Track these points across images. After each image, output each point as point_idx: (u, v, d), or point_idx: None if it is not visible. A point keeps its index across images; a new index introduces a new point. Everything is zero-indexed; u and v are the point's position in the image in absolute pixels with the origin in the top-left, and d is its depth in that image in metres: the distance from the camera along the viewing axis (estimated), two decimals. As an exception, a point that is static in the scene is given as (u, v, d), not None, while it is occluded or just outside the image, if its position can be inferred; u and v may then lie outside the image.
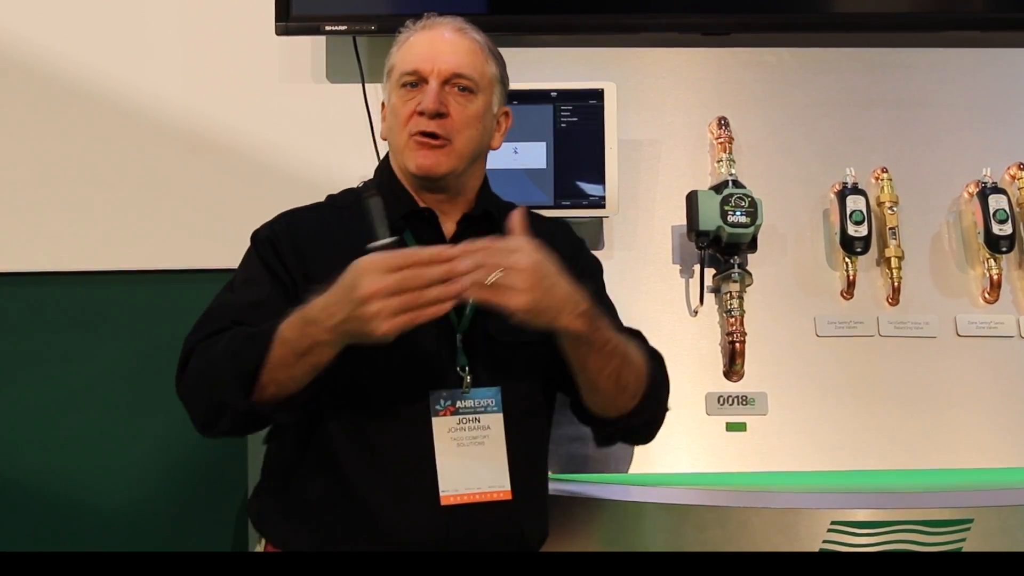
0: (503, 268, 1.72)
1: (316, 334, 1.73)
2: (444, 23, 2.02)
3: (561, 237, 2.12)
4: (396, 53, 2.02)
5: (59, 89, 2.79)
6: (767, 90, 2.64)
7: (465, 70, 1.97)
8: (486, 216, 2.03)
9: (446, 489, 1.86)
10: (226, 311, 1.89)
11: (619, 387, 1.91)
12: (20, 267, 2.79)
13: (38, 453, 2.78)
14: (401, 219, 1.96)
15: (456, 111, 1.95)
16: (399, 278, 1.68)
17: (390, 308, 1.67)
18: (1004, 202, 2.48)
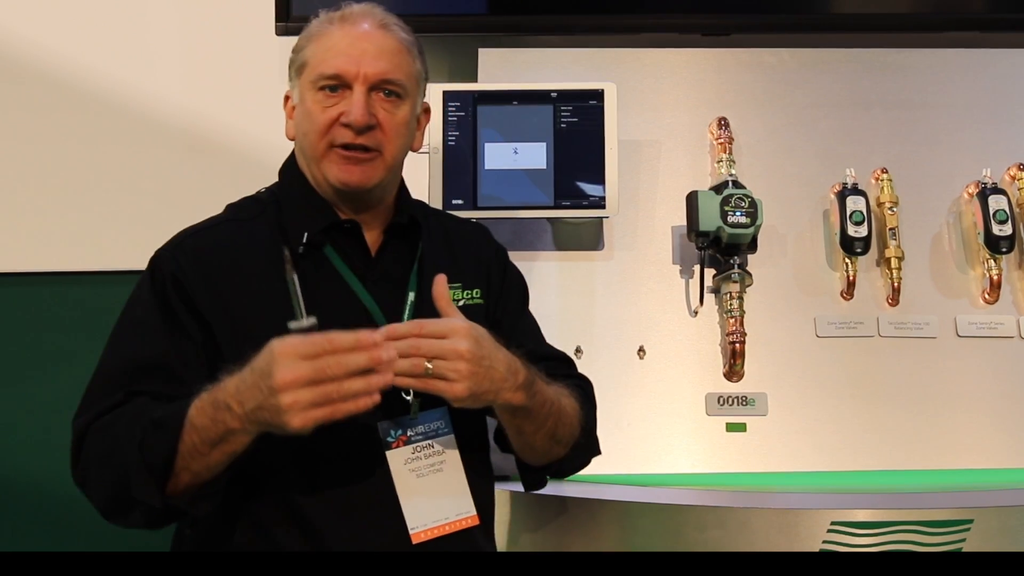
0: (436, 355, 1.61)
1: (228, 421, 1.57)
2: (365, 16, 1.81)
3: (485, 244, 2.02)
4: (309, 47, 1.81)
5: (59, 89, 2.79)
6: (767, 91, 2.64)
7: (394, 74, 1.79)
8: (411, 223, 1.88)
9: (415, 526, 1.74)
10: (116, 379, 1.70)
11: (554, 442, 1.83)
12: (20, 267, 2.80)
13: (39, 453, 2.78)
14: (320, 232, 1.80)
15: (385, 119, 1.79)
16: (316, 367, 1.51)
17: (305, 400, 1.51)
18: (1004, 203, 2.48)
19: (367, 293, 1.80)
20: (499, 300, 1.96)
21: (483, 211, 2.41)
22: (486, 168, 2.46)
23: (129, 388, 1.68)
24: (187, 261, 1.77)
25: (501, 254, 2.04)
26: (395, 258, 1.86)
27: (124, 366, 1.71)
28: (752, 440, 2.39)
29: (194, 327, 1.73)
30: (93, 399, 1.72)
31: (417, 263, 1.86)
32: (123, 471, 1.60)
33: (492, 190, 2.45)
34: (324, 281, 1.79)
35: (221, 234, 1.83)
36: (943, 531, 2.15)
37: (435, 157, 2.43)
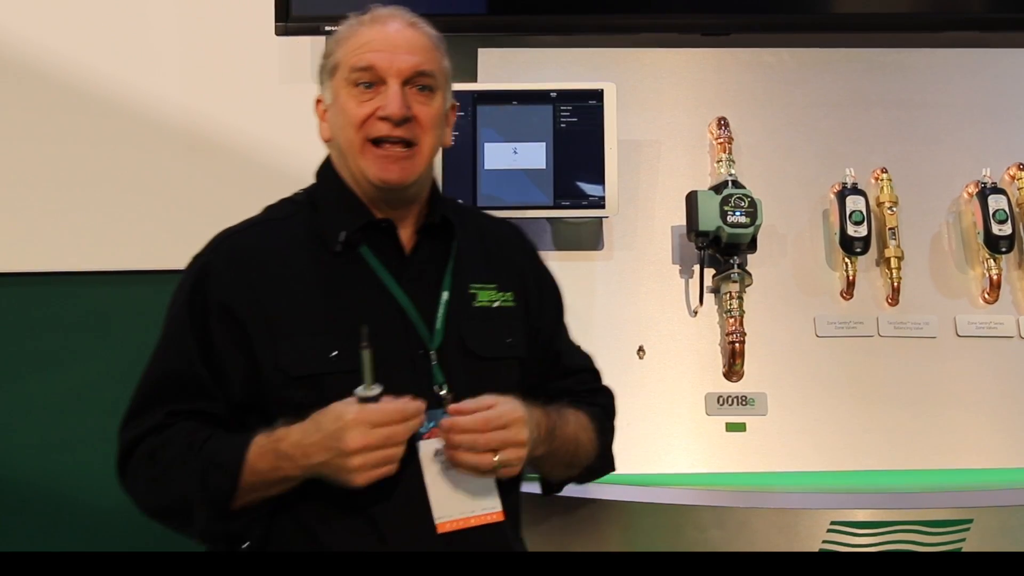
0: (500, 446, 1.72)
1: (288, 469, 1.71)
2: (394, 16, 1.85)
3: (521, 246, 2.04)
4: (340, 48, 1.85)
5: (60, 90, 2.79)
6: (767, 90, 2.65)
7: (426, 67, 1.82)
8: (444, 222, 1.90)
9: (440, 516, 1.77)
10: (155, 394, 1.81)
11: (569, 469, 1.93)
12: (21, 267, 2.80)
13: (39, 453, 2.78)
14: (356, 232, 1.84)
15: (420, 112, 1.82)
16: (386, 435, 1.67)
17: (372, 462, 1.67)
18: (1004, 202, 2.48)
19: (403, 292, 1.83)
20: (540, 308, 1.98)
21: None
22: (486, 168, 2.46)
23: (169, 407, 1.78)
24: (222, 263, 1.83)
25: (536, 257, 2.06)
26: (429, 257, 1.88)
27: (162, 381, 1.81)
28: (752, 440, 2.39)
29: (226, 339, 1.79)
30: (136, 412, 1.82)
31: (452, 262, 1.88)
32: (182, 500, 1.74)
33: (492, 190, 2.45)
34: (360, 280, 1.83)
35: (257, 234, 1.88)
36: (943, 531, 2.16)
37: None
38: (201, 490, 1.72)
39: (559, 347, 2.00)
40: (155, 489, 1.78)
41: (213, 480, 1.72)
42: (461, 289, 1.87)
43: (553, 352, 1.98)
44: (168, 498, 1.77)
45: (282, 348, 1.77)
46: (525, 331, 1.91)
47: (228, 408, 1.80)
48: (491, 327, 1.88)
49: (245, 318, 1.78)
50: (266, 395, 1.78)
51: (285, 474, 1.72)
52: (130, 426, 1.81)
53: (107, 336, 2.81)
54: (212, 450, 1.74)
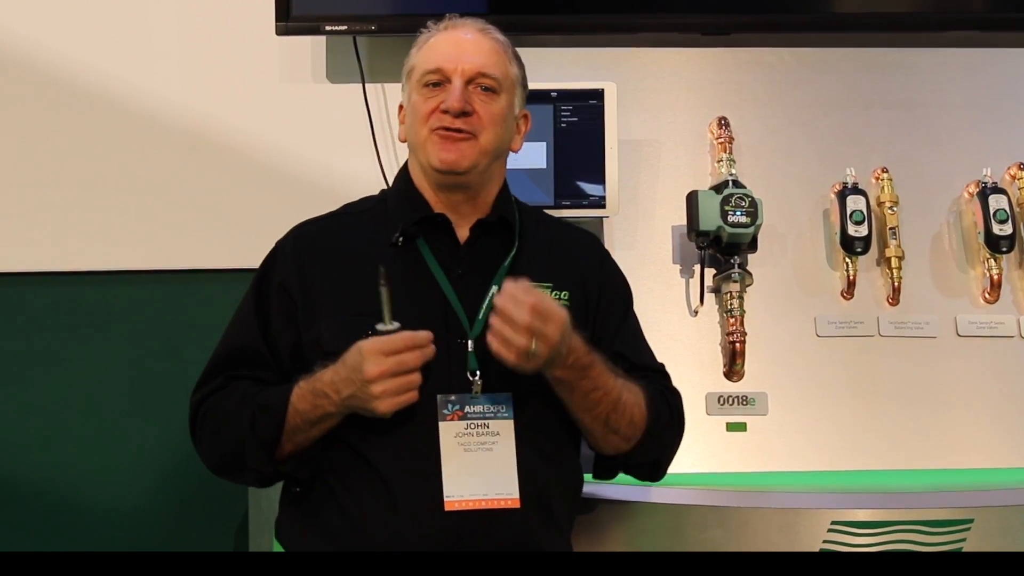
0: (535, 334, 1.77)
1: (325, 406, 1.85)
2: (466, 24, 2.01)
3: (588, 249, 2.11)
4: (416, 54, 2.01)
5: (60, 89, 2.79)
6: (767, 90, 2.64)
7: (489, 69, 1.96)
8: (501, 222, 2.00)
9: (451, 494, 1.84)
10: (220, 364, 1.99)
11: (608, 429, 1.93)
12: (21, 267, 2.80)
13: (39, 453, 2.78)
14: (414, 225, 1.97)
15: (481, 108, 1.94)
16: (398, 361, 1.80)
17: (392, 388, 1.81)
18: (1004, 202, 2.48)
19: (449, 284, 1.93)
20: (597, 311, 2.02)
21: (483, 211, 2.40)
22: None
23: (228, 373, 1.96)
24: (290, 247, 2.01)
25: (605, 262, 2.12)
26: (484, 253, 1.97)
27: (228, 352, 2.00)
28: (752, 440, 2.39)
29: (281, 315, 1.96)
30: (204, 380, 2.00)
31: (509, 260, 1.97)
32: (238, 444, 1.90)
33: (492, 190, 2.44)
34: (412, 272, 1.94)
35: (327, 224, 2.06)
36: (943, 531, 2.15)
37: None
38: (252, 432, 1.88)
39: (620, 347, 2.02)
40: (215, 439, 1.95)
41: (261, 422, 1.87)
42: None
43: (613, 351, 1.99)
44: (226, 445, 1.93)
45: (323, 326, 1.92)
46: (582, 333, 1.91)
47: (281, 378, 1.94)
48: None
49: (298, 297, 1.95)
50: (308, 368, 1.90)
51: (324, 411, 1.86)
52: (198, 392, 1.99)
53: (107, 336, 2.81)
54: (261, 397, 1.90)
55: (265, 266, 2.02)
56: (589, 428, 1.93)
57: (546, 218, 2.15)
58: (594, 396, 1.88)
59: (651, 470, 2.03)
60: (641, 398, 1.94)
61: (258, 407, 1.89)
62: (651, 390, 1.97)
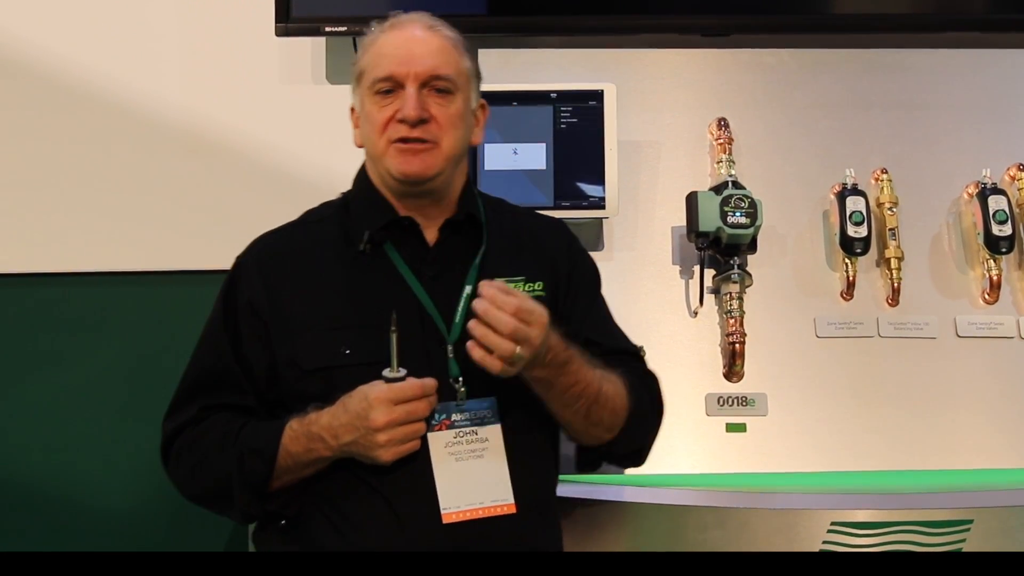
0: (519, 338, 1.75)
1: (320, 450, 1.82)
2: (412, 21, 1.94)
3: (556, 237, 2.07)
4: (364, 57, 1.93)
5: (59, 90, 2.79)
6: (767, 91, 2.64)
7: (442, 70, 1.90)
8: (469, 219, 1.96)
9: (447, 506, 1.82)
10: (194, 389, 1.94)
11: (589, 423, 1.91)
12: (20, 268, 2.80)
13: (39, 453, 2.78)
14: (381, 230, 1.92)
15: (438, 112, 1.89)
16: (408, 410, 1.78)
17: (398, 437, 1.78)
18: (1004, 203, 2.48)
19: (421, 287, 1.89)
20: (567, 294, 2.00)
21: (483, 211, 2.41)
22: (486, 169, 2.46)
23: (203, 402, 1.91)
24: (253, 263, 1.95)
25: (573, 246, 2.09)
26: (454, 253, 1.93)
27: (199, 378, 1.95)
28: (752, 440, 2.39)
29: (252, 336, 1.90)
30: (177, 405, 1.95)
31: (479, 258, 1.93)
32: (223, 484, 1.86)
33: (492, 191, 2.42)
34: (382, 277, 1.90)
35: (289, 236, 1.99)
36: (943, 531, 2.16)
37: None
38: (240, 474, 1.84)
39: (591, 333, 2.00)
40: (196, 475, 1.91)
41: (250, 464, 1.84)
42: None
43: (584, 338, 1.97)
44: (209, 482, 1.89)
45: (298, 344, 1.88)
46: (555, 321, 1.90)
47: (258, 401, 1.91)
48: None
49: (268, 315, 1.90)
50: (285, 389, 1.89)
51: (318, 455, 1.82)
52: (171, 418, 1.95)
53: (107, 337, 2.81)
54: (248, 437, 1.86)
55: (229, 285, 1.96)
56: (570, 422, 1.92)
57: (511, 208, 2.11)
58: (574, 391, 1.86)
59: (634, 458, 2.03)
60: (621, 387, 1.93)
61: (247, 448, 1.85)
62: (630, 377, 1.96)
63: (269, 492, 1.85)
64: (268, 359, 1.89)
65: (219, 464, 1.86)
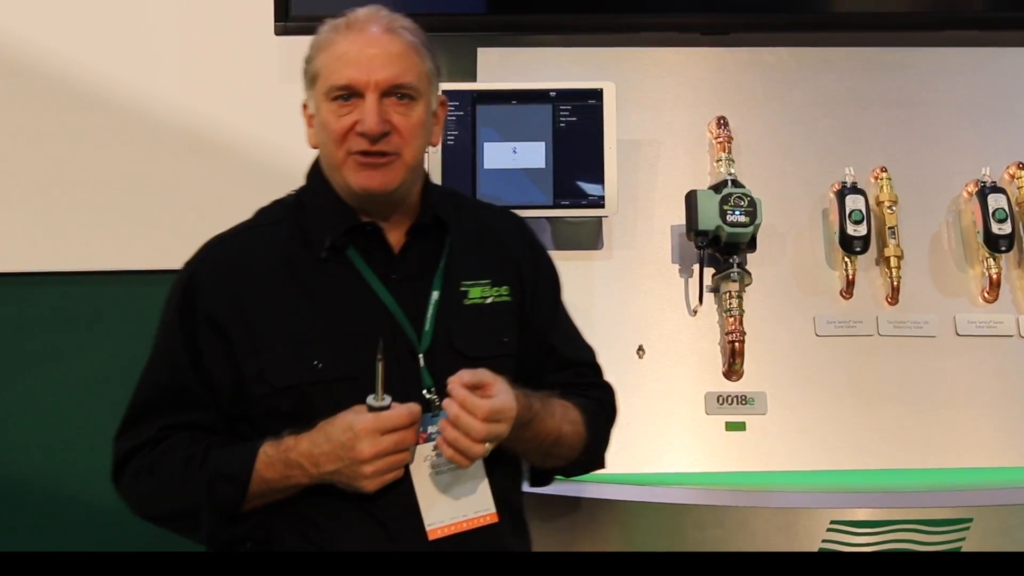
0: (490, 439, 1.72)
1: (298, 477, 1.75)
2: (370, 21, 1.81)
3: (518, 238, 2.01)
4: (319, 58, 1.81)
5: (59, 89, 2.79)
6: (766, 90, 2.64)
7: (404, 78, 1.79)
8: (436, 222, 1.88)
9: (431, 522, 1.77)
10: (148, 406, 1.85)
11: (547, 459, 1.89)
12: (20, 267, 2.80)
13: (38, 452, 2.78)
14: (343, 236, 1.83)
15: (400, 123, 1.79)
16: (395, 440, 1.71)
17: (384, 468, 1.72)
18: (1003, 201, 2.48)
19: (388, 292, 1.82)
20: (533, 298, 1.96)
21: (482, 210, 2.41)
22: (485, 168, 2.46)
23: (162, 421, 1.82)
24: (209, 273, 1.85)
25: (534, 247, 2.03)
26: (419, 258, 1.87)
27: (154, 394, 1.85)
28: (751, 439, 2.39)
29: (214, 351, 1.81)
30: (131, 423, 1.86)
31: (444, 260, 1.87)
32: (187, 509, 1.79)
33: (491, 189, 2.45)
34: (347, 285, 1.83)
35: (244, 242, 1.88)
36: (942, 530, 2.16)
37: (434, 157, 2.43)
38: (209, 500, 1.77)
39: (554, 339, 1.97)
40: (156, 499, 1.83)
41: (221, 491, 1.76)
42: (452, 287, 1.86)
43: (548, 344, 1.95)
44: (170, 507, 1.82)
45: (266, 359, 1.79)
46: (520, 325, 1.90)
47: (221, 418, 1.83)
48: (483, 325, 1.87)
49: (230, 329, 1.80)
50: (253, 406, 1.81)
51: (296, 482, 1.76)
52: (125, 437, 1.86)
53: (106, 335, 2.81)
54: (217, 461, 1.78)
55: (184, 295, 1.84)
56: (524, 456, 1.89)
57: (467, 202, 2.05)
58: (534, 443, 1.82)
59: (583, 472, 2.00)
60: (580, 424, 1.89)
61: (217, 474, 1.76)
62: (588, 407, 1.92)
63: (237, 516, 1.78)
64: (232, 375, 1.80)
65: (184, 489, 1.78)
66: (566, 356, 1.97)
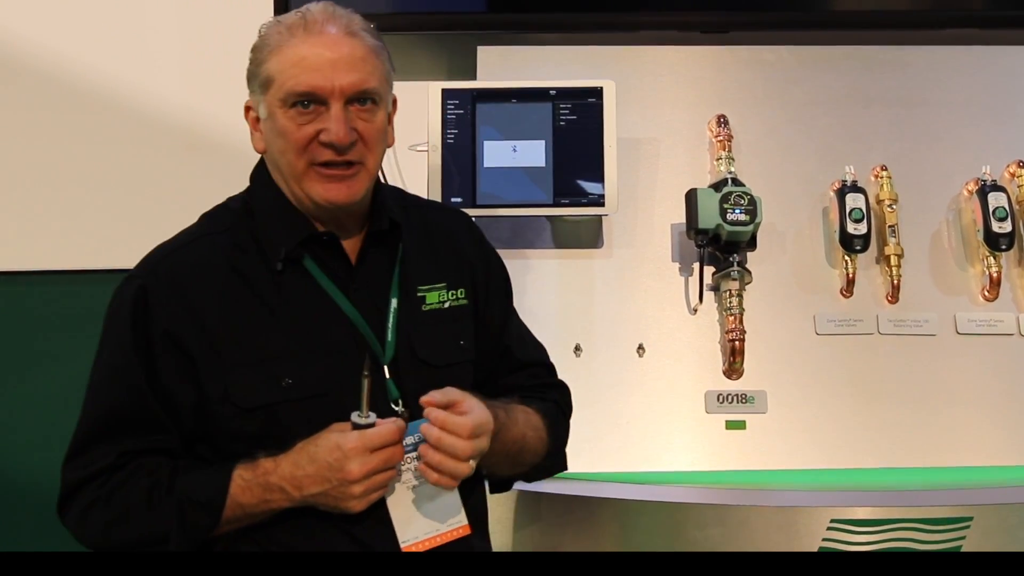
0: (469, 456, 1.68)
1: (279, 501, 1.69)
2: (328, 20, 1.72)
3: (467, 238, 1.96)
4: (272, 60, 1.71)
5: (58, 88, 2.79)
6: (766, 88, 2.64)
7: (369, 83, 1.72)
8: (392, 227, 1.83)
9: (406, 539, 1.73)
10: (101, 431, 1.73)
11: (515, 466, 1.87)
12: (21, 266, 2.80)
13: (38, 451, 2.78)
14: (298, 246, 1.76)
15: (365, 130, 1.73)
16: (383, 458, 1.66)
17: (373, 487, 1.67)
18: (1003, 200, 2.48)
19: (349, 303, 1.77)
20: (487, 300, 1.93)
21: (482, 209, 2.41)
22: (485, 166, 2.46)
23: (120, 447, 1.71)
24: (162, 287, 1.74)
25: (483, 248, 1.98)
26: (376, 264, 1.82)
27: (108, 417, 1.73)
28: (752, 438, 2.39)
29: (173, 371, 1.72)
30: (81, 449, 1.74)
31: (398, 266, 1.82)
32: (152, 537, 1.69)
33: (491, 188, 2.44)
34: (307, 297, 1.76)
35: (194, 252, 1.78)
36: (943, 529, 2.16)
37: (434, 155, 2.43)
38: (180, 527, 1.69)
39: (508, 340, 1.95)
40: (116, 529, 1.72)
41: (193, 518, 1.69)
42: (409, 293, 1.82)
43: (503, 346, 1.93)
44: (134, 536, 1.71)
45: (232, 378, 1.71)
46: (477, 326, 1.89)
47: (181, 440, 1.74)
48: (442, 331, 1.84)
49: (191, 347, 1.71)
50: (217, 426, 1.73)
51: (275, 506, 1.69)
52: (75, 464, 1.74)
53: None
54: (187, 487, 1.70)
55: (133, 310, 1.72)
56: (493, 469, 1.84)
57: (413, 201, 1.97)
58: (501, 453, 1.78)
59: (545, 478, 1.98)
60: (542, 429, 1.87)
61: (188, 501, 1.68)
62: (548, 410, 1.90)
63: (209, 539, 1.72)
64: (194, 395, 1.72)
65: (148, 519, 1.69)
66: (520, 358, 1.95)
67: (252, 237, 1.78)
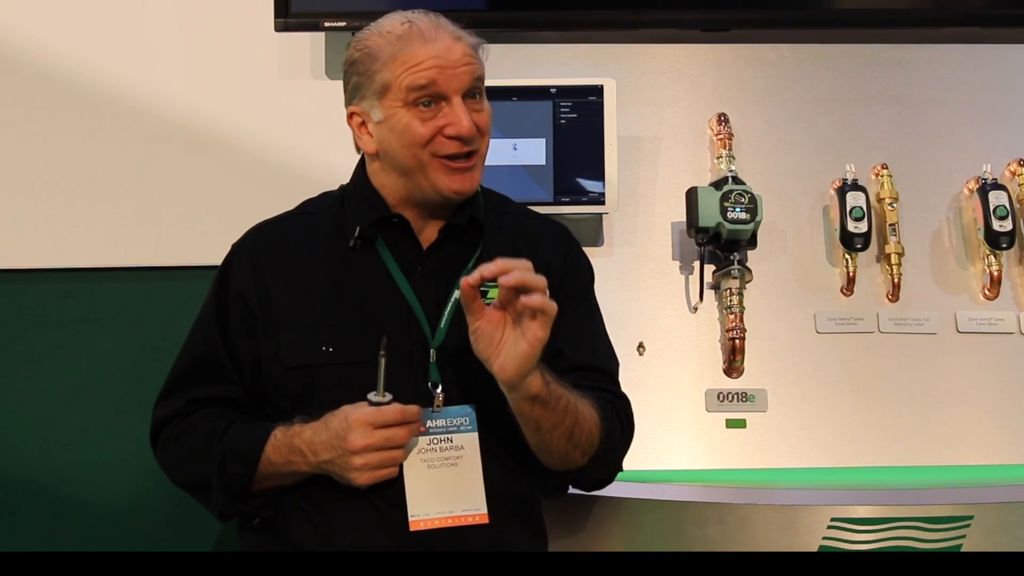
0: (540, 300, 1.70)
1: (299, 463, 1.81)
2: (437, 27, 1.87)
3: (554, 244, 2.01)
4: (387, 69, 1.85)
5: (58, 86, 2.79)
6: (767, 86, 2.64)
7: (479, 73, 1.87)
8: (471, 223, 1.92)
9: (415, 514, 1.80)
10: (183, 377, 1.95)
11: (571, 444, 1.83)
12: (20, 264, 2.79)
13: (38, 451, 2.78)
14: (374, 227, 1.89)
15: (480, 120, 1.87)
16: (386, 436, 1.75)
17: (374, 462, 1.76)
18: (1004, 198, 2.48)
19: (410, 287, 1.87)
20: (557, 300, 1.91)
21: (482, 208, 2.40)
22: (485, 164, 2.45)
23: (191, 394, 1.92)
24: (246, 254, 1.94)
25: (571, 255, 2.02)
26: (449, 256, 1.91)
27: (190, 365, 1.95)
28: (752, 436, 2.39)
29: (240, 328, 1.90)
30: (167, 392, 1.96)
31: (473, 263, 1.88)
32: (204, 481, 1.87)
33: (491, 186, 2.43)
34: (371, 275, 1.88)
35: (284, 227, 1.98)
36: (943, 527, 2.16)
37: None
38: (220, 475, 1.84)
39: (561, 342, 1.92)
40: (180, 468, 1.92)
41: (232, 468, 1.83)
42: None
43: (554, 347, 1.90)
44: (191, 477, 1.90)
45: (283, 339, 1.87)
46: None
47: (247, 393, 1.91)
48: None
49: (256, 308, 1.89)
50: (269, 382, 1.88)
51: (297, 468, 1.81)
52: (161, 405, 1.96)
53: (106, 333, 2.80)
54: (233, 439, 1.85)
55: (223, 273, 1.96)
56: (553, 445, 1.82)
57: (513, 208, 2.06)
58: (561, 404, 1.79)
59: (597, 486, 1.97)
60: (592, 409, 1.85)
61: (229, 452, 1.84)
62: (601, 403, 1.88)
63: (248, 494, 1.86)
64: (254, 351, 1.89)
65: (201, 463, 1.87)
66: (574, 360, 1.93)
67: (338, 220, 1.94)
